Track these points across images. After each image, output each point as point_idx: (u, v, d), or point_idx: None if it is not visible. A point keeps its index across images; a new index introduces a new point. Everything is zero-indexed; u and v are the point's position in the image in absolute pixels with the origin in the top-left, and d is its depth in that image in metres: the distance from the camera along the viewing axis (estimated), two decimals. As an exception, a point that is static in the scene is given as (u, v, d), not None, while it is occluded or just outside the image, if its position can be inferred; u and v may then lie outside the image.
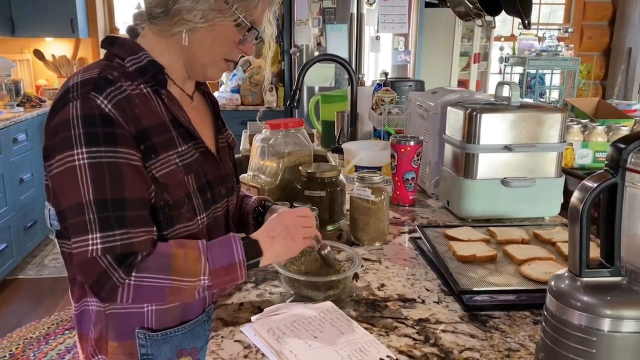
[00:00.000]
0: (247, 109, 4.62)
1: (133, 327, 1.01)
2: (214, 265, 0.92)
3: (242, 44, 1.04)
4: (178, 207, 0.98)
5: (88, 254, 0.86)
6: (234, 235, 0.97)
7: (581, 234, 0.73)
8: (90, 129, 0.88)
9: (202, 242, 0.94)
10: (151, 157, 0.94)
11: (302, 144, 1.49)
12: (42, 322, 2.99)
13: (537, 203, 1.46)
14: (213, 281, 0.92)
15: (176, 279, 0.89)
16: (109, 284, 0.86)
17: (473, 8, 1.73)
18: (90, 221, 0.86)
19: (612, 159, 0.73)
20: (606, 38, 5.50)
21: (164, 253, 0.90)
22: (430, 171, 1.70)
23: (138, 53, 0.99)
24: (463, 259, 1.13)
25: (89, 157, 0.87)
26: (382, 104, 2.15)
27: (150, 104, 0.97)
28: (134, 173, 0.91)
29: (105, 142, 0.88)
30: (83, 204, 0.87)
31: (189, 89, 1.10)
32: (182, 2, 0.95)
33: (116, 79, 0.93)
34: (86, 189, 0.87)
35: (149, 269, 0.88)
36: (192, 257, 0.91)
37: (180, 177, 0.98)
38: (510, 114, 1.41)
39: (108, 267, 0.86)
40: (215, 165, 1.08)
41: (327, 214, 1.38)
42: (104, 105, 0.89)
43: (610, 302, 0.72)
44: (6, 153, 3.50)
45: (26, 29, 4.36)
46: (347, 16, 4.33)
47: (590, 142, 2.46)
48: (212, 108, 1.18)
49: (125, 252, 0.87)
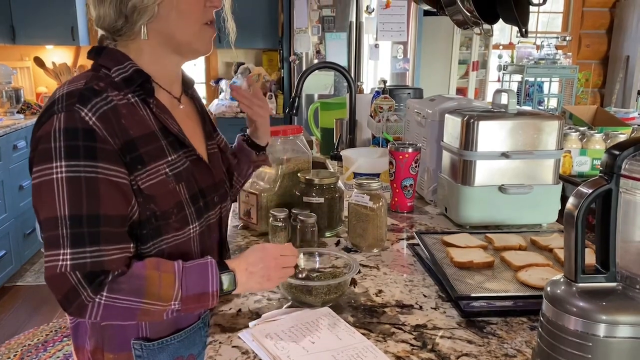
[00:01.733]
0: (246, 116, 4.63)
1: (128, 338, 1.00)
2: (187, 293, 0.90)
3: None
4: (166, 217, 0.96)
5: (57, 269, 0.84)
6: (212, 263, 0.95)
7: (576, 239, 0.74)
8: (72, 142, 0.86)
9: (178, 265, 0.92)
10: (137, 169, 0.92)
11: (301, 151, 1.50)
12: (40, 330, 2.99)
13: (535, 210, 1.47)
14: (183, 306, 0.91)
15: (148, 302, 0.88)
16: (77, 300, 0.85)
17: (471, 16, 1.74)
18: (62, 236, 0.85)
19: (607, 166, 0.74)
20: (604, 46, 5.54)
21: (137, 275, 0.88)
22: (428, 178, 1.71)
23: (124, 63, 0.97)
24: (460, 265, 1.14)
25: (67, 171, 0.86)
26: (380, 111, 2.16)
27: (138, 114, 0.95)
28: (112, 189, 0.89)
29: (85, 157, 0.87)
30: (57, 217, 0.85)
31: (176, 91, 1.08)
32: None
33: (102, 89, 0.92)
34: (62, 203, 0.85)
35: (121, 291, 0.86)
36: (166, 281, 0.90)
37: (170, 186, 0.96)
38: (507, 122, 1.42)
39: (77, 284, 0.84)
40: (207, 172, 1.07)
41: (326, 220, 1.39)
42: (88, 118, 0.87)
43: (605, 307, 0.73)
44: (6, 160, 3.51)
45: (27, 37, 4.39)
46: (346, 24, 4.36)
47: (588, 150, 2.47)
48: (200, 112, 1.16)
49: (95, 270, 0.85)
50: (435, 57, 4.97)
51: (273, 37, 4.77)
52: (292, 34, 4.32)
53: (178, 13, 0.97)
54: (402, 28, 4.39)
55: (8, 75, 4.11)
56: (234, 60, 5.01)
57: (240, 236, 1.42)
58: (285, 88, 4.55)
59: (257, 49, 4.99)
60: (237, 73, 4.87)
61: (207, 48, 1.04)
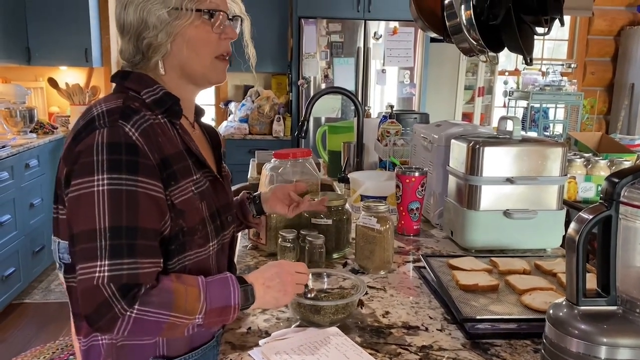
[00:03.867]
0: (254, 138, 4.70)
1: (146, 357, 1.01)
2: (211, 306, 0.92)
3: (221, 32, 1.03)
4: (192, 233, 0.99)
5: (94, 281, 0.85)
6: (232, 277, 0.97)
7: (577, 263, 0.76)
8: (115, 156, 0.89)
9: (201, 280, 0.95)
10: (171, 185, 0.96)
11: (310, 173, 1.54)
12: (47, 347, 3.00)
13: (539, 235, 1.49)
14: (206, 320, 0.93)
15: (175, 315, 0.89)
16: (109, 314, 0.85)
17: (477, 45, 1.79)
18: (100, 248, 0.86)
19: (607, 192, 0.77)
20: (609, 74, 5.59)
21: (166, 289, 0.90)
22: (434, 202, 1.74)
23: (153, 86, 1.02)
24: (466, 288, 1.16)
25: (110, 184, 0.88)
26: (387, 135, 2.20)
27: (168, 133, 1.00)
28: (150, 203, 0.91)
29: (128, 171, 0.89)
30: (96, 230, 0.87)
31: (191, 117, 1.13)
32: (146, 36, 0.99)
33: (139, 108, 0.96)
34: (102, 215, 0.87)
35: (152, 304, 0.88)
36: (192, 295, 0.91)
37: (197, 204, 1.00)
38: (512, 148, 1.45)
39: (111, 297, 0.85)
40: (222, 192, 1.11)
41: (333, 242, 1.41)
42: (132, 133, 0.91)
43: (606, 330, 0.75)
44: (18, 178, 3.56)
45: (42, 58, 4.48)
46: (354, 50, 4.43)
47: (593, 176, 2.49)
48: (209, 139, 1.20)
49: (130, 283, 0.86)
50: (441, 82, 5.04)
51: (282, 61, 4.86)
52: (301, 59, 4.40)
53: (190, 49, 1.02)
54: (409, 54, 4.47)
55: (23, 95, 4.20)
56: (240, 84, 5.09)
57: (249, 256, 1.45)
58: (294, 111, 4.62)
59: (266, 72, 5.08)
60: (247, 96, 4.95)
61: (219, 78, 1.09)
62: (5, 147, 3.49)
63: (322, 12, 4.38)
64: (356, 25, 4.40)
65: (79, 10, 4.44)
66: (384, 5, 4.39)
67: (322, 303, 1.05)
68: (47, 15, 4.37)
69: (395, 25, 4.41)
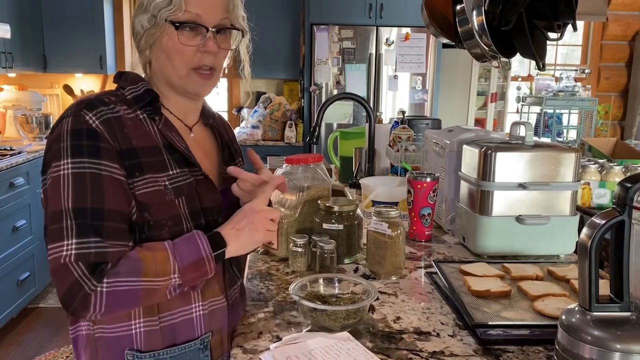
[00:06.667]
0: (267, 144, 4.72)
1: (122, 349, 1.01)
2: (183, 263, 0.95)
3: (198, 45, 1.03)
4: (158, 228, 0.99)
5: (61, 260, 0.88)
6: (198, 232, 1.00)
7: (590, 269, 0.76)
8: (77, 141, 0.94)
9: (168, 242, 0.97)
10: (135, 175, 0.98)
11: (321, 179, 1.54)
12: (60, 351, 3.02)
13: (552, 241, 1.48)
14: (184, 278, 0.95)
15: (148, 279, 0.92)
16: (80, 293, 0.88)
17: (489, 50, 1.79)
18: (67, 227, 0.89)
19: (619, 198, 0.76)
20: (624, 79, 5.54)
21: (133, 257, 0.93)
22: (446, 207, 1.73)
23: (137, 83, 1.06)
24: (478, 294, 1.15)
25: (73, 167, 0.92)
26: (399, 141, 2.20)
27: (143, 128, 1.02)
28: (115, 185, 0.94)
29: (90, 154, 0.93)
30: (62, 211, 0.90)
31: (190, 121, 1.14)
32: (135, 41, 1.06)
33: (112, 102, 1.00)
34: (66, 197, 0.91)
35: (120, 274, 0.90)
36: (160, 257, 0.94)
37: (167, 198, 1.00)
38: (524, 153, 1.44)
39: (81, 276, 0.88)
40: (213, 193, 1.09)
41: (345, 247, 1.42)
42: (92, 121, 0.95)
43: (620, 336, 0.74)
44: (34, 183, 3.61)
45: (58, 65, 4.55)
46: (366, 56, 4.45)
47: (607, 182, 2.47)
48: (219, 141, 1.21)
49: (98, 262, 0.89)
50: (453, 88, 5.03)
51: (294, 67, 4.89)
52: (313, 65, 4.43)
53: (166, 58, 1.05)
54: (421, 60, 4.47)
55: (39, 102, 4.26)
56: (253, 90, 5.12)
57: (260, 261, 1.46)
58: (305, 117, 4.63)
59: (278, 79, 5.11)
60: (259, 102, 4.98)
61: (197, 91, 1.08)
62: (22, 153, 3.55)
63: (334, 19, 4.40)
64: (368, 31, 4.42)
65: (95, 18, 4.51)
66: (396, 12, 4.40)
67: (333, 308, 1.05)
68: (63, 24, 4.44)
69: (407, 31, 4.42)
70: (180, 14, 1.00)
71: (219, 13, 1.04)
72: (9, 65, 3.88)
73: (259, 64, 4.69)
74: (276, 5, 4.74)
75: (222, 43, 1.06)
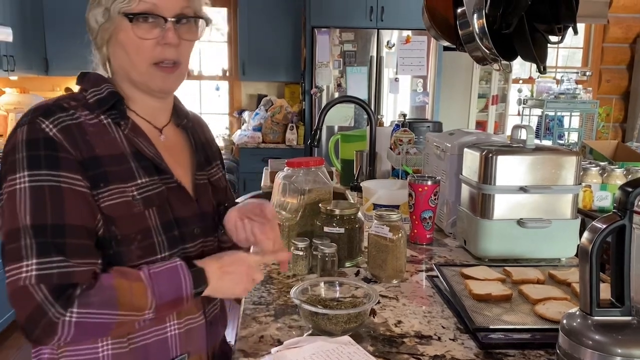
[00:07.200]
0: (268, 146, 4.73)
1: None
2: (161, 300, 0.88)
3: (156, 37, 0.95)
4: (127, 243, 0.92)
5: (21, 282, 0.79)
6: (181, 265, 0.92)
7: (591, 274, 0.76)
8: (33, 152, 0.86)
9: (145, 273, 0.89)
10: (99, 186, 0.90)
11: (322, 182, 1.54)
12: (61, 354, 3.03)
13: (553, 244, 1.48)
14: (158, 314, 0.89)
15: (122, 313, 0.84)
16: (43, 319, 0.79)
17: (490, 53, 1.79)
18: (25, 247, 0.81)
19: (620, 202, 0.76)
20: (625, 82, 5.54)
21: (107, 285, 0.84)
22: (447, 211, 1.73)
23: (100, 85, 0.98)
24: (479, 297, 1.15)
25: (30, 181, 0.85)
26: (400, 144, 2.20)
27: (108, 135, 0.95)
28: (78, 198, 0.87)
29: (48, 166, 0.86)
30: (20, 228, 0.82)
31: (160, 123, 1.06)
32: (91, 38, 0.99)
33: (72, 107, 0.93)
34: (24, 213, 0.83)
35: (92, 304, 0.82)
36: (137, 290, 0.86)
37: (136, 210, 0.93)
38: (525, 157, 1.44)
39: (43, 300, 0.79)
40: (187, 202, 1.02)
41: (346, 251, 1.42)
42: (49, 130, 0.88)
43: (621, 341, 0.74)
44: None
45: (59, 68, 4.56)
46: (367, 59, 4.45)
47: (609, 185, 2.47)
48: (193, 143, 1.12)
49: (63, 283, 0.81)
50: (454, 90, 5.03)
51: (295, 70, 4.90)
52: (314, 68, 4.43)
53: (124, 54, 0.97)
54: (422, 63, 4.47)
55: (40, 105, 4.26)
56: (254, 93, 5.14)
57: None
58: (306, 119, 4.64)
59: (279, 81, 5.12)
60: (260, 105, 4.99)
61: (161, 87, 1.00)
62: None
63: (335, 22, 4.41)
64: (369, 34, 4.42)
65: (96, 21, 4.52)
66: (397, 15, 4.41)
67: (334, 312, 1.05)
68: (65, 27, 4.45)
69: (408, 34, 4.42)
70: (134, 5, 0.93)
71: (179, 1, 0.96)
72: (11, 68, 3.89)
73: (261, 66, 4.71)
74: (277, 9, 4.75)
75: (184, 34, 0.98)
